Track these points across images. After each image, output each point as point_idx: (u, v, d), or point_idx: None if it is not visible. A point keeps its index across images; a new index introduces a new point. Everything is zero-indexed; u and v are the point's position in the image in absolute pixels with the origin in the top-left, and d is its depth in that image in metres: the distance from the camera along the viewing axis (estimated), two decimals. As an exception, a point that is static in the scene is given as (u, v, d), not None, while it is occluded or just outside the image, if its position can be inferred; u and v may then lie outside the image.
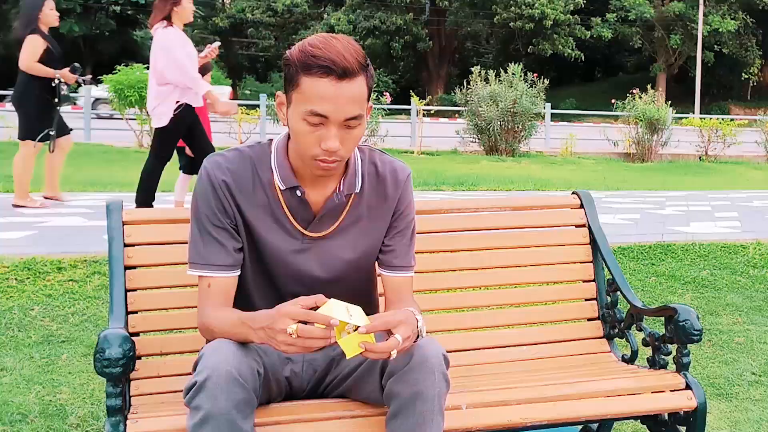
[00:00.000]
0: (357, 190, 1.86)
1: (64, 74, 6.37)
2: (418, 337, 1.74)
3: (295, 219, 1.84)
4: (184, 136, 5.57)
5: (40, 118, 6.44)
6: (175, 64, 5.23)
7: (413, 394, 1.70)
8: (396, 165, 1.92)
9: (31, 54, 6.25)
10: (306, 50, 1.67)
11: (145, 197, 5.47)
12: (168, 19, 5.29)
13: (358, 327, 1.61)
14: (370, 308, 2.06)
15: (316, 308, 1.63)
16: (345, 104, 1.67)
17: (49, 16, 6.43)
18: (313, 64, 1.65)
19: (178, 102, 5.32)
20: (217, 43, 5.97)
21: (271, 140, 1.87)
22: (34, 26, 6.32)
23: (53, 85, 6.33)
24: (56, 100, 6.37)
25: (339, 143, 1.69)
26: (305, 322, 1.60)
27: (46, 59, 6.32)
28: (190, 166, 6.32)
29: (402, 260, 1.94)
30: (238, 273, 1.85)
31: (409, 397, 1.71)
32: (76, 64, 6.61)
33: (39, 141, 6.44)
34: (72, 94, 6.12)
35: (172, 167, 5.82)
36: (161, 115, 5.34)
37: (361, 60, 1.69)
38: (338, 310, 1.61)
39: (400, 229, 1.93)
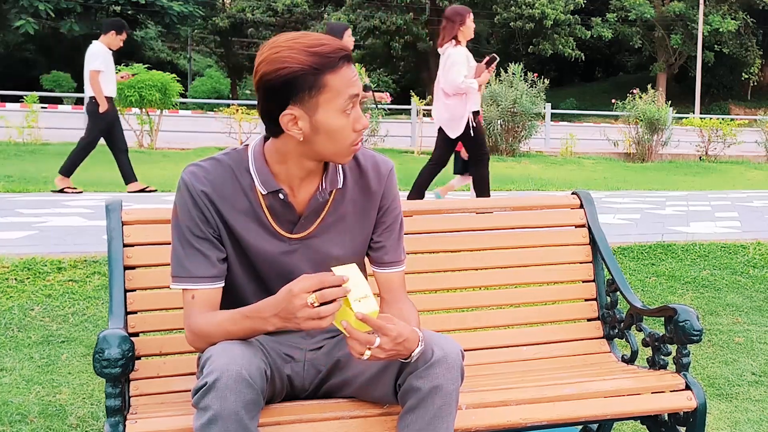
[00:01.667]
0: (340, 186, 1.85)
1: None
2: (408, 357, 1.72)
3: (279, 222, 1.82)
4: (464, 140, 6.14)
5: None
6: (452, 78, 5.96)
7: (433, 388, 1.72)
8: (378, 159, 1.92)
9: None
10: (313, 52, 1.66)
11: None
12: (455, 37, 6.01)
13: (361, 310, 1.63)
14: None
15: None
16: (358, 79, 1.73)
17: (350, 43, 7.35)
18: (334, 59, 1.68)
19: (471, 111, 6.03)
20: None
21: (246, 146, 1.85)
22: None
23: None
24: None
25: None
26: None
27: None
28: (463, 168, 7.06)
29: (392, 256, 1.94)
30: (222, 284, 1.82)
31: (428, 391, 1.72)
32: (367, 83, 7.73)
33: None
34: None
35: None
36: (455, 125, 6.01)
37: None
38: (351, 277, 1.64)
39: (388, 224, 1.93)
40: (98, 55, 8.14)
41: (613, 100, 18.68)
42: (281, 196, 1.80)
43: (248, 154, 1.82)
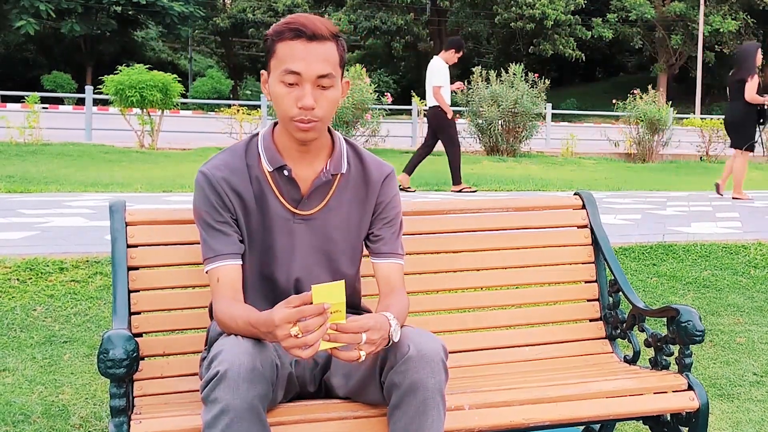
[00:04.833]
0: (343, 171, 1.96)
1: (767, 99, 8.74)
2: (389, 341, 1.75)
3: (284, 198, 1.93)
4: None
5: (752, 133, 8.88)
6: None
7: (412, 383, 1.73)
8: (379, 159, 2.05)
9: (754, 89, 8.60)
10: (280, 23, 1.87)
11: None
12: None
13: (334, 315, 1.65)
14: (356, 300, 2.10)
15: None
16: (315, 61, 1.82)
17: (759, 59, 8.68)
18: (285, 29, 1.83)
19: None
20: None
21: (258, 133, 1.98)
22: (753, 69, 8.59)
23: (759, 109, 8.70)
24: (761, 120, 8.83)
25: (314, 101, 1.82)
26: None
27: (758, 90, 8.71)
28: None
29: (390, 247, 2.02)
30: (241, 262, 1.91)
31: (408, 386, 1.73)
32: None
33: (746, 150, 8.94)
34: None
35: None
36: None
37: (332, 30, 1.85)
38: (326, 295, 1.63)
39: (388, 219, 2.02)
40: (439, 71, 9.39)
41: (613, 101, 18.67)
42: (286, 172, 1.91)
43: (258, 135, 1.97)
